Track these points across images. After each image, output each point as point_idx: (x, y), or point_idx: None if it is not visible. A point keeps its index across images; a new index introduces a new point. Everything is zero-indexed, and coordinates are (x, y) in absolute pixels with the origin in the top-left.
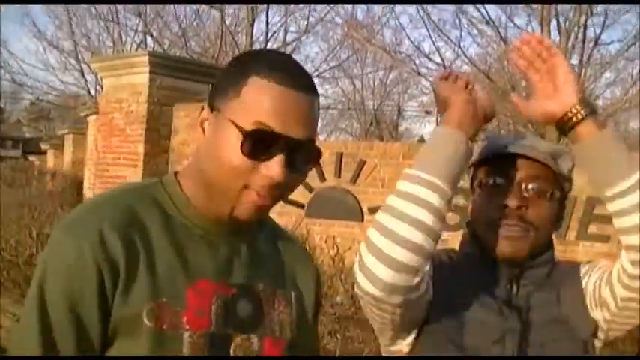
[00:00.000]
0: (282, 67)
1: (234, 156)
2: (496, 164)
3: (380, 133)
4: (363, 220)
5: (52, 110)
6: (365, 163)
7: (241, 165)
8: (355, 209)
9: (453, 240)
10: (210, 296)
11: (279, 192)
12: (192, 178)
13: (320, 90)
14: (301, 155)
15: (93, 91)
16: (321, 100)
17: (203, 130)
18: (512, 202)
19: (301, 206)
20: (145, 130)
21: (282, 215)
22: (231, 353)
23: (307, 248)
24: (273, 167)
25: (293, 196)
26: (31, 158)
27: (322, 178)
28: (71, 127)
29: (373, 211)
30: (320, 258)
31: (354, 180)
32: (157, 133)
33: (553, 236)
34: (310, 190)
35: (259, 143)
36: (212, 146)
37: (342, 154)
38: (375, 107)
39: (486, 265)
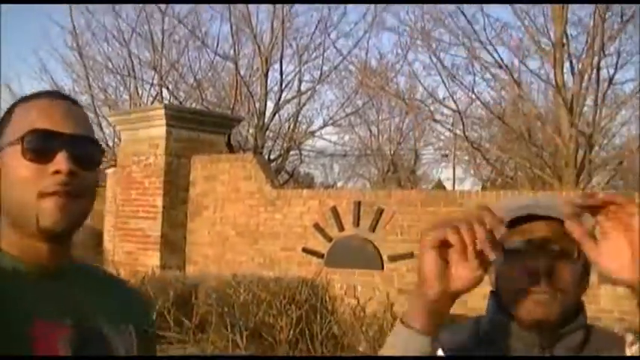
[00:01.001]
0: (39, 92)
1: (20, 168)
2: (516, 227)
3: (398, 178)
4: (383, 269)
5: None
6: (383, 210)
7: (29, 172)
8: (375, 257)
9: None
10: (55, 339)
11: (76, 188)
12: (1, 229)
13: (336, 138)
14: (83, 151)
15: (111, 144)
16: (338, 148)
17: None
18: (539, 268)
19: (321, 256)
20: (163, 182)
21: (301, 265)
22: None
23: (327, 299)
24: (59, 161)
25: (312, 246)
26: None
27: (341, 227)
28: None
29: (393, 259)
30: (340, 308)
31: (373, 228)
32: (175, 186)
33: (583, 299)
34: (329, 239)
35: (38, 144)
36: (5, 181)
37: (360, 203)
38: (392, 152)
39: (516, 333)
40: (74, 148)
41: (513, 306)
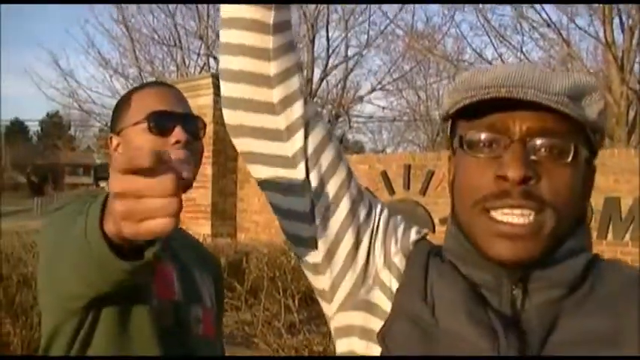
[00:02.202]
0: (150, 83)
1: (146, 141)
2: (484, 113)
3: (447, 143)
4: (434, 231)
5: None
6: (433, 173)
7: (154, 144)
8: (426, 220)
9: None
10: (171, 272)
11: (192, 156)
12: None
13: (384, 102)
14: (193, 125)
15: None
16: (387, 113)
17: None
18: (512, 172)
19: None
20: (212, 151)
21: None
22: (191, 321)
23: None
24: (177, 134)
25: None
26: (102, 184)
27: (391, 190)
28: None
29: (444, 221)
30: None
31: (424, 191)
32: (224, 154)
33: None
34: None
35: (161, 121)
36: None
37: (410, 166)
38: (441, 117)
39: (478, 265)
40: (186, 124)
41: (474, 231)
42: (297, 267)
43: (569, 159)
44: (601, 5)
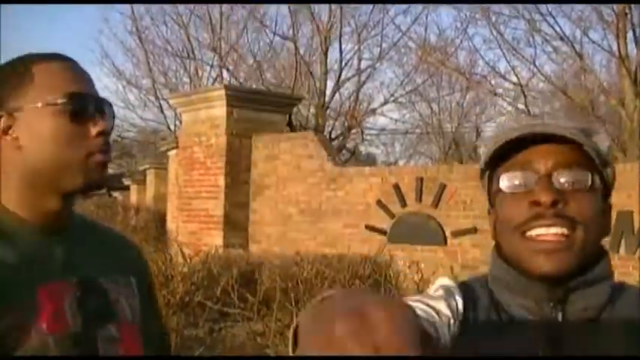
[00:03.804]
0: (52, 54)
1: (61, 128)
2: (513, 157)
3: (459, 156)
4: (446, 244)
5: (133, 146)
6: (445, 186)
7: (74, 133)
8: (438, 233)
9: None
10: (61, 298)
11: (109, 142)
12: (8, 189)
13: (397, 115)
14: (110, 112)
15: (172, 127)
16: (399, 125)
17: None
18: (544, 197)
19: (383, 232)
20: (225, 162)
21: (364, 242)
22: (99, 346)
23: (391, 274)
24: (101, 123)
25: (375, 223)
26: (115, 194)
27: (403, 203)
28: (152, 163)
29: (456, 234)
30: (404, 284)
31: (436, 204)
32: (237, 165)
33: (606, 245)
34: (392, 215)
35: (82, 106)
36: (32, 141)
37: (422, 179)
38: (453, 130)
39: (522, 286)
40: (106, 110)
41: (515, 252)
42: (309, 278)
43: (588, 187)
44: (614, 19)
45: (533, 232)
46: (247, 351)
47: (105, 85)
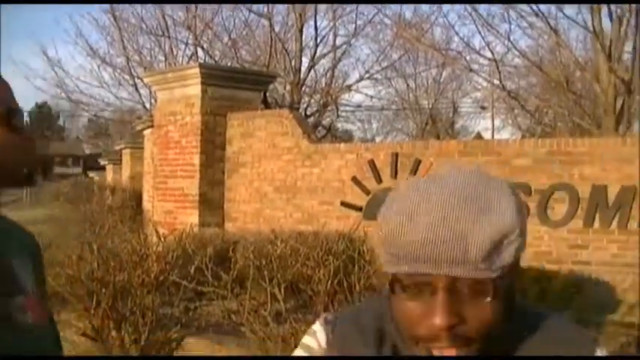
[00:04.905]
0: None
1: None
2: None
3: (437, 132)
4: None
5: (109, 126)
6: (420, 162)
7: (9, 142)
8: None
9: None
10: None
11: None
12: None
13: (372, 91)
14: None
15: (148, 105)
16: (375, 102)
17: None
18: (439, 320)
19: (359, 209)
20: (200, 141)
21: (340, 219)
22: (13, 315)
23: (365, 250)
24: (28, 131)
25: (351, 199)
26: (91, 174)
27: (379, 179)
28: (128, 142)
29: None
30: (379, 260)
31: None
32: (212, 144)
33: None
34: (367, 192)
35: (20, 117)
36: None
37: (397, 155)
38: (430, 106)
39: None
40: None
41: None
42: (283, 256)
43: (489, 298)
44: None
45: (429, 346)
46: (223, 328)
47: (80, 65)
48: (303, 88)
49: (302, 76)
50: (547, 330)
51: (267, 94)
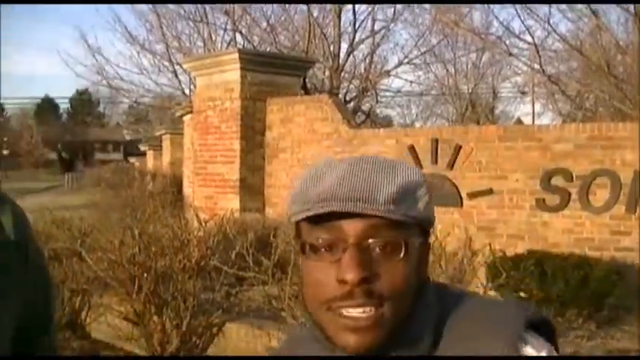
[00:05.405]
0: None
1: None
2: (322, 219)
3: (476, 117)
4: (462, 206)
5: (149, 112)
6: (461, 147)
7: None
8: (453, 195)
9: (553, 221)
10: None
11: None
12: None
13: (412, 77)
14: None
15: (187, 91)
16: (414, 87)
17: None
18: (351, 275)
19: None
20: (240, 126)
21: None
22: None
23: None
24: None
25: None
26: (132, 160)
27: (419, 165)
28: (168, 128)
29: (472, 195)
30: None
31: (451, 165)
32: (252, 129)
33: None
34: None
35: None
36: None
37: (437, 140)
38: (470, 91)
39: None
40: None
41: (326, 328)
42: None
43: (402, 255)
44: None
45: (341, 310)
46: (264, 314)
47: (119, 51)
48: (342, 74)
49: (341, 61)
50: (469, 306)
51: (307, 79)
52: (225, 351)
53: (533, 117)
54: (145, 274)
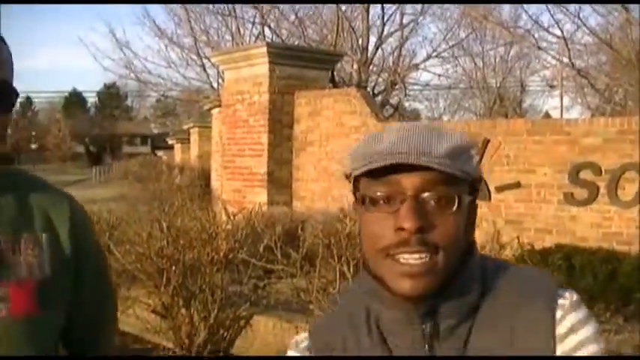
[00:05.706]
0: None
1: None
2: (381, 174)
3: (504, 110)
4: (490, 199)
5: (177, 106)
6: (489, 141)
7: None
8: (481, 188)
9: (581, 215)
10: None
11: None
12: None
13: (440, 70)
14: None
15: (215, 85)
16: (443, 81)
17: None
18: (408, 224)
19: None
20: (268, 119)
21: None
22: None
23: None
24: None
25: None
26: (159, 153)
27: None
28: (196, 121)
29: (500, 189)
30: None
31: (479, 159)
32: (280, 123)
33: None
34: None
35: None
36: None
37: (465, 134)
38: (498, 84)
39: (389, 304)
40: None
41: (382, 275)
42: (352, 234)
43: (454, 208)
44: None
45: (397, 257)
46: (292, 306)
47: (147, 45)
48: (370, 67)
49: (369, 54)
50: (507, 267)
51: (335, 72)
52: (253, 344)
53: (562, 111)
54: (173, 267)
